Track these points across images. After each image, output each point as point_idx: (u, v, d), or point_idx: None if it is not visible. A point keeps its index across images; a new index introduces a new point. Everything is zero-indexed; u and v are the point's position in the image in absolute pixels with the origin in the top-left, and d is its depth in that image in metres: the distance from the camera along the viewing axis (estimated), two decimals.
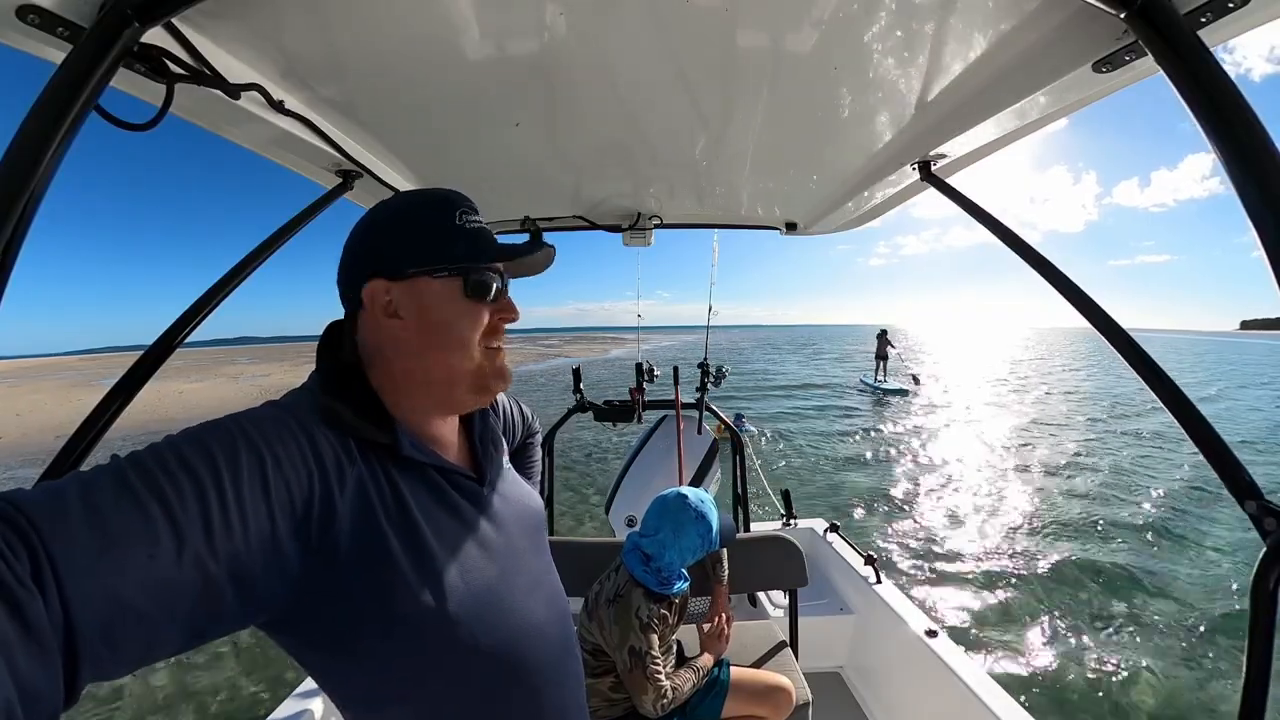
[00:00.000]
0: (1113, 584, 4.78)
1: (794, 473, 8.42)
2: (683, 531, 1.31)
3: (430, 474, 0.57)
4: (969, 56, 0.80)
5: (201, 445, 0.42)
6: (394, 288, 0.56)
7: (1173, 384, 0.66)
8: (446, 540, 0.54)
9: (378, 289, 0.56)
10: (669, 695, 1.22)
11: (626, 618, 1.23)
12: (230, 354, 79.27)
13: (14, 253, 0.51)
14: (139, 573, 0.36)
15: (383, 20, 0.71)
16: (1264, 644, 0.53)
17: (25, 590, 0.31)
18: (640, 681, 1.20)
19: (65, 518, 0.35)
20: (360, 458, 0.52)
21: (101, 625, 0.35)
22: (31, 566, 0.32)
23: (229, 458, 0.42)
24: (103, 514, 0.36)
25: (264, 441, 0.45)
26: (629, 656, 1.21)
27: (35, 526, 0.34)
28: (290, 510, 0.45)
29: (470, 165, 1.27)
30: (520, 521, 0.66)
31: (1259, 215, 0.49)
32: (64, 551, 0.34)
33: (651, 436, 2.76)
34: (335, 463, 0.50)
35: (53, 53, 0.60)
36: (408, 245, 0.56)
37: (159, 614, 0.37)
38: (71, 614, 0.33)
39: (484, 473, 0.64)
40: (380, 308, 0.56)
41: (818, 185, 1.45)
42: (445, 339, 0.57)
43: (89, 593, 0.34)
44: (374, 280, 0.56)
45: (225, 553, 0.40)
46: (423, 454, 0.56)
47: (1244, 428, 12.47)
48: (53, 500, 0.36)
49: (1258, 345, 76.23)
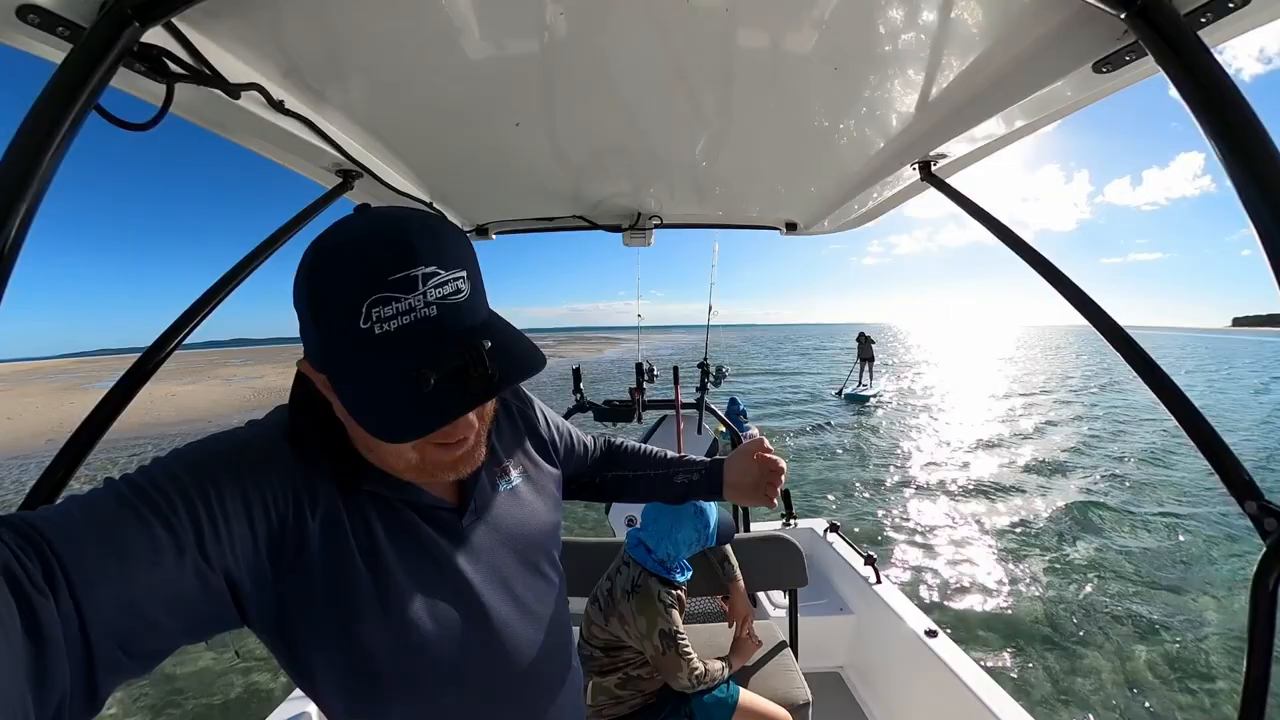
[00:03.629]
0: (1117, 584, 4.81)
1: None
2: (680, 524, 1.34)
3: (400, 507, 0.56)
4: (969, 56, 0.80)
5: (188, 467, 0.45)
6: (318, 376, 0.49)
7: (1171, 382, 0.66)
8: (413, 574, 0.54)
9: (306, 366, 0.50)
10: (700, 668, 1.28)
11: (650, 605, 1.27)
12: (224, 355, 78.84)
13: (14, 253, 0.50)
14: (145, 578, 0.38)
15: (383, 20, 0.71)
16: (1264, 644, 0.53)
17: (39, 593, 0.33)
18: (675, 661, 1.26)
19: (72, 529, 0.37)
20: (336, 485, 0.52)
21: (114, 627, 0.36)
22: (43, 571, 0.34)
23: (214, 479, 0.45)
24: (106, 526, 0.38)
25: (244, 463, 0.47)
26: (661, 640, 1.26)
27: (45, 537, 0.35)
28: (268, 531, 0.47)
29: (470, 165, 1.27)
30: (511, 547, 0.64)
31: (1259, 215, 0.49)
32: (74, 559, 0.35)
33: (651, 437, 2.76)
34: (309, 489, 0.51)
35: (53, 53, 0.59)
36: (315, 337, 0.46)
37: (167, 616, 0.39)
38: (84, 617, 0.35)
39: (466, 502, 0.60)
40: (322, 385, 0.49)
41: (818, 185, 1.45)
42: (369, 442, 0.50)
43: (100, 596, 0.35)
44: (305, 359, 0.50)
45: (218, 561, 0.43)
46: (389, 488, 0.54)
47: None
48: (59, 515, 0.38)
49: (1246, 341, 76.76)
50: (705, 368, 2.81)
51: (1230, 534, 5.74)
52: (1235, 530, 5.78)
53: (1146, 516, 6.39)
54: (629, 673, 1.34)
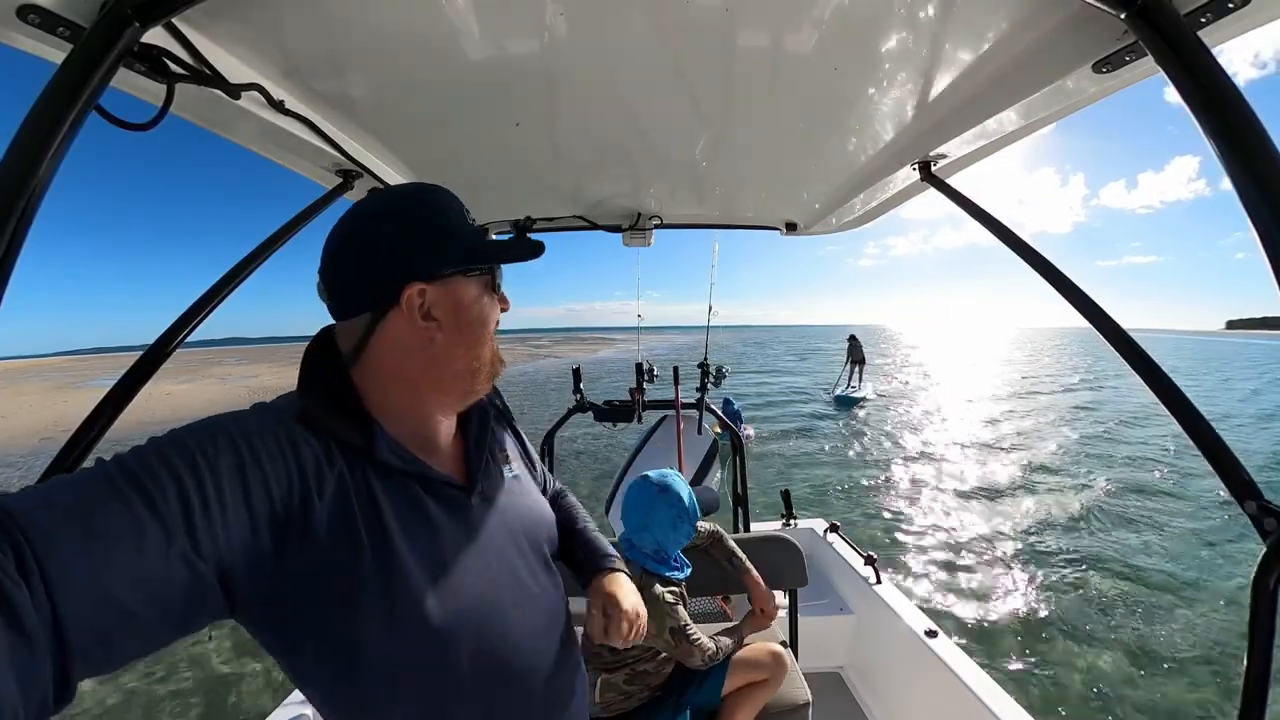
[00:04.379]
0: (1117, 583, 4.82)
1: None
2: (654, 510, 1.35)
3: (408, 482, 0.56)
4: (969, 57, 0.80)
5: (183, 448, 0.43)
6: (429, 289, 0.56)
7: (1171, 383, 0.66)
8: (419, 551, 0.53)
9: (415, 293, 0.56)
10: (712, 648, 1.33)
11: (656, 606, 1.28)
12: (219, 354, 78.52)
13: (14, 253, 0.50)
14: (125, 567, 0.37)
15: (383, 20, 0.71)
16: (1264, 644, 0.54)
17: (11, 582, 0.32)
18: (688, 650, 1.30)
19: (50, 516, 0.36)
20: (342, 460, 0.52)
21: (89, 618, 0.35)
22: (16, 559, 0.33)
23: (209, 459, 0.43)
24: (88, 511, 0.37)
25: (245, 443, 0.46)
26: (672, 637, 1.29)
27: (19, 524, 0.34)
28: (269, 512, 0.46)
29: (470, 165, 1.27)
30: (514, 531, 0.65)
31: (1259, 215, 0.49)
32: (49, 547, 0.34)
33: (651, 437, 2.76)
34: (315, 466, 0.50)
35: (53, 53, 0.59)
36: (442, 247, 0.57)
37: (146, 607, 0.38)
38: (58, 607, 0.34)
39: (474, 481, 0.62)
40: (416, 311, 0.56)
41: (818, 185, 1.45)
42: (477, 334, 0.60)
43: (76, 586, 0.34)
44: (414, 283, 0.55)
45: (208, 549, 0.41)
46: (402, 459, 0.56)
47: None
48: (38, 501, 0.36)
49: (1236, 344, 77.00)
50: (705, 368, 2.81)
51: (1231, 535, 5.75)
52: (1236, 530, 5.80)
53: (1146, 516, 6.41)
54: (636, 668, 1.35)
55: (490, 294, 0.62)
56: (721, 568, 1.60)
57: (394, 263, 0.56)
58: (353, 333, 0.57)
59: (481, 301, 0.60)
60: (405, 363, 0.58)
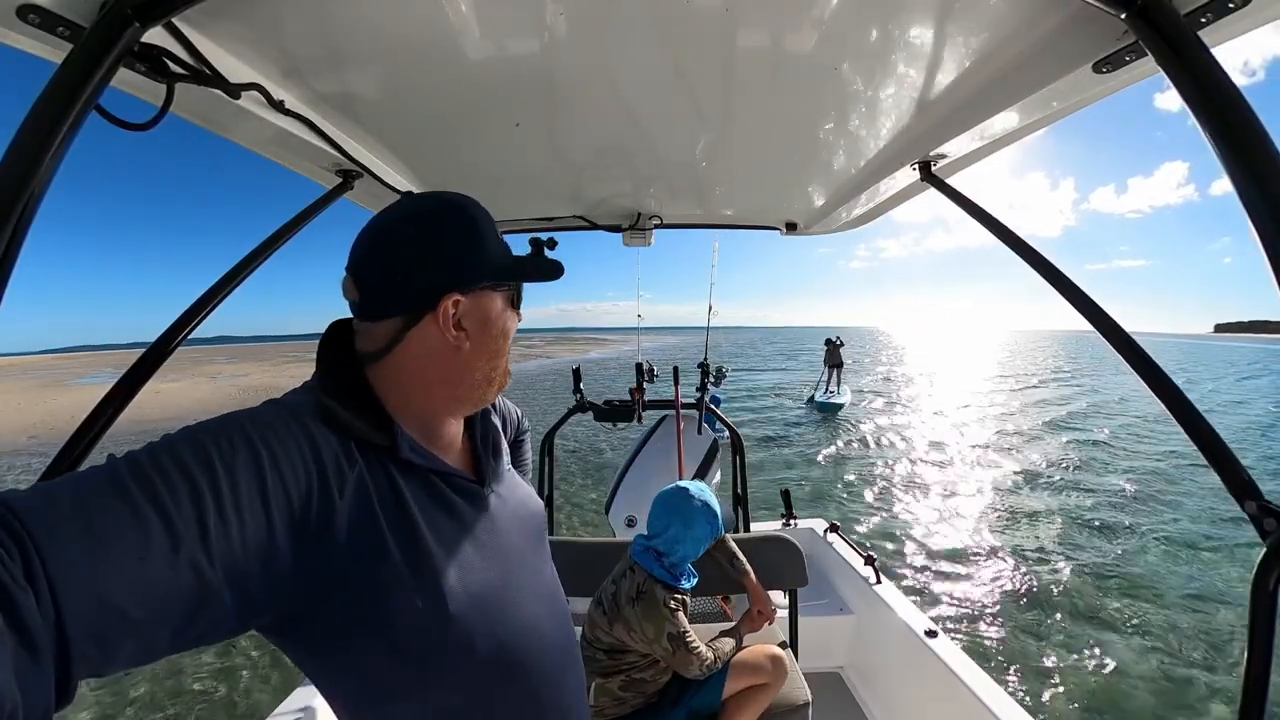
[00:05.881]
0: (1117, 582, 4.83)
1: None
2: (693, 523, 1.35)
3: (429, 477, 0.57)
4: (969, 57, 0.80)
5: (198, 446, 0.42)
6: (463, 300, 0.57)
7: (1171, 383, 0.65)
8: (445, 542, 0.55)
9: (452, 302, 0.57)
10: (710, 657, 1.33)
11: (656, 611, 1.28)
12: (209, 353, 78.19)
13: (14, 253, 0.50)
14: (130, 574, 0.36)
15: (383, 20, 0.71)
16: (1264, 644, 0.54)
17: (19, 588, 0.31)
18: (685, 658, 1.29)
19: (58, 519, 0.35)
20: (361, 459, 0.52)
21: (91, 625, 0.34)
22: (24, 565, 0.32)
23: (225, 460, 0.42)
24: (95, 516, 0.36)
25: (262, 442, 0.45)
26: (670, 643, 1.28)
27: (27, 527, 0.34)
28: (288, 512, 0.45)
29: (470, 165, 1.27)
30: (520, 523, 0.66)
31: (1259, 215, 0.49)
32: (56, 552, 0.34)
33: (651, 436, 2.75)
34: (335, 464, 0.50)
35: (53, 53, 0.59)
36: (481, 258, 0.58)
37: (150, 616, 0.37)
38: (63, 613, 0.33)
39: (484, 475, 0.64)
40: (450, 320, 0.57)
41: (818, 186, 1.45)
42: (499, 346, 0.62)
43: (80, 593, 0.34)
44: (451, 293, 0.56)
45: (221, 555, 0.40)
46: (422, 457, 0.56)
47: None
48: (45, 501, 0.36)
49: (1222, 348, 77.21)
50: (705, 368, 2.81)
51: (1230, 536, 5.77)
52: (1235, 530, 5.82)
53: (1145, 516, 6.43)
54: (632, 675, 1.35)
55: (511, 308, 0.63)
56: (723, 569, 1.60)
57: (439, 270, 0.57)
58: (380, 334, 0.57)
59: (505, 314, 0.62)
60: (430, 368, 0.58)
